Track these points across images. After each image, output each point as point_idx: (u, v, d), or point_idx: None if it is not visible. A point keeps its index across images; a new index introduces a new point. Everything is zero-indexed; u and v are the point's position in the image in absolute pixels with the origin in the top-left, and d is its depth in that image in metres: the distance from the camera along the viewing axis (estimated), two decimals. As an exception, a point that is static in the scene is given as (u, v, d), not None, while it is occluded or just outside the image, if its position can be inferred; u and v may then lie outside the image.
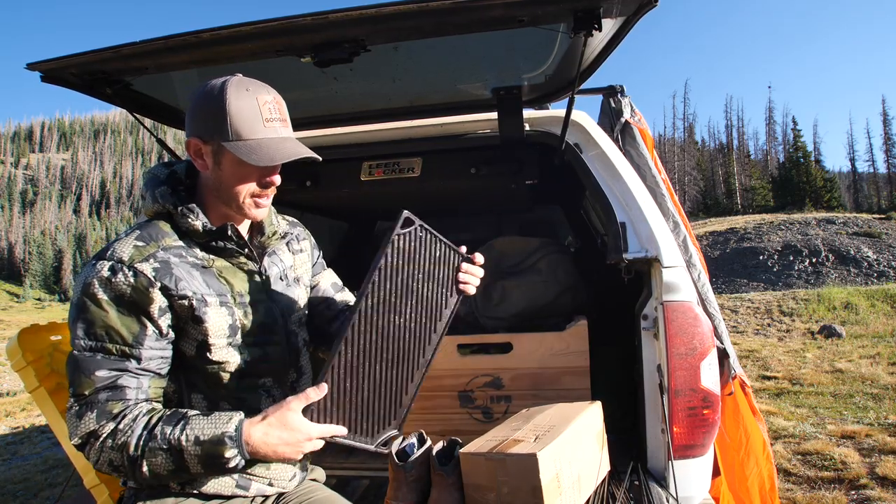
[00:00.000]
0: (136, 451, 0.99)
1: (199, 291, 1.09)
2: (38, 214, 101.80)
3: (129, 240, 1.07)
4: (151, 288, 1.04)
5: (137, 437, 1.00)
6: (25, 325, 2.09)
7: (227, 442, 1.00)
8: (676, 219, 2.00)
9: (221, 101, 1.05)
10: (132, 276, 1.03)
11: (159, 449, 0.99)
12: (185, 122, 1.12)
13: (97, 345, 1.02)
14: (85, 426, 1.01)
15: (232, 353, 1.14)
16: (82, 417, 1.01)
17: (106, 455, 1.00)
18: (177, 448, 0.99)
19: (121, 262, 1.03)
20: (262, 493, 1.21)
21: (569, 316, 2.22)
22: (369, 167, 2.37)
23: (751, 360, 7.30)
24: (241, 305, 1.15)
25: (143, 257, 1.05)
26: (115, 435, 1.00)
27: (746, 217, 28.16)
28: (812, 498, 3.07)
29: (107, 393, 1.02)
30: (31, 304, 70.00)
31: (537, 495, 1.33)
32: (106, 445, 1.00)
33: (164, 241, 1.09)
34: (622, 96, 2.40)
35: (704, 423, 1.68)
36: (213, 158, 1.10)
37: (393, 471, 1.48)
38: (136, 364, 1.04)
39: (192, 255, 1.12)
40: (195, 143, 1.09)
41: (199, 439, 1.00)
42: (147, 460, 0.99)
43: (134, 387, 1.04)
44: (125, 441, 1.00)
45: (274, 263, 1.27)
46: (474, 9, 1.28)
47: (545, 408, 1.75)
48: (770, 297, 11.83)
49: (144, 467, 1.00)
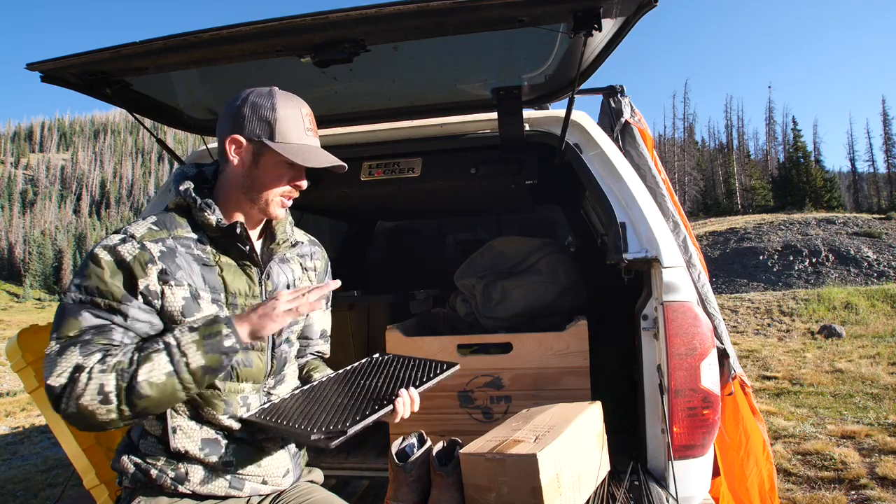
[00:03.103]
0: (130, 366, 1.00)
1: (195, 285, 1.12)
2: (38, 214, 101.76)
3: (145, 223, 1.14)
4: (151, 265, 1.08)
5: (129, 355, 1.02)
6: (25, 326, 2.09)
7: (218, 320, 1.07)
8: (676, 219, 2.00)
9: (271, 106, 1.15)
10: (138, 247, 1.08)
11: (153, 351, 1.02)
12: (224, 121, 1.18)
13: (87, 298, 1.05)
14: (68, 361, 0.99)
15: None
16: (64, 353, 1.00)
17: (95, 381, 0.97)
18: (172, 343, 1.03)
19: (132, 236, 1.10)
20: (257, 493, 1.21)
21: (569, 316, 2.22)
22: (369, 167, 2.37)
23: (751, 360, 7.30)
24: (231, 306, 1.16)
25: (154, 239, 1.11)
26: (104, 360, 1.00)
27: (746, 217, 28.17)
28: (812, 498, 3.07)
29: (92, 333, 1.03)
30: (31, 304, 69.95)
31: (537, 495, 1.33)
32: (94, 371, 0.98)
33: (177, 231, 1.15)
34: (622, 96, 2.40)
35: (704, 423, 1.68)
36: (251, 156, 1.16)
37: (393, 471, 1.48)
38: (122, 320, 1.05)
39: (199, 248, 1.16)
40: (237, 139, 1.15)
41: (192, 327, 1.06)
42: (142, 367, 0.99)
43: (119, 334, 1.05)
44: (118, 360, 1.00)
45: (283, 272, 1.28)
46: (474, 9, 1.28)
47: (545, 408, 1.75)
48: (770, 297, 11.83)
49: (141, 377, 0.99)
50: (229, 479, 1.16)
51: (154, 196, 2.30)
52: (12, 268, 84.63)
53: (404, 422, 1.22)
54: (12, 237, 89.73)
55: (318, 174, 2.43)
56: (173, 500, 1.11)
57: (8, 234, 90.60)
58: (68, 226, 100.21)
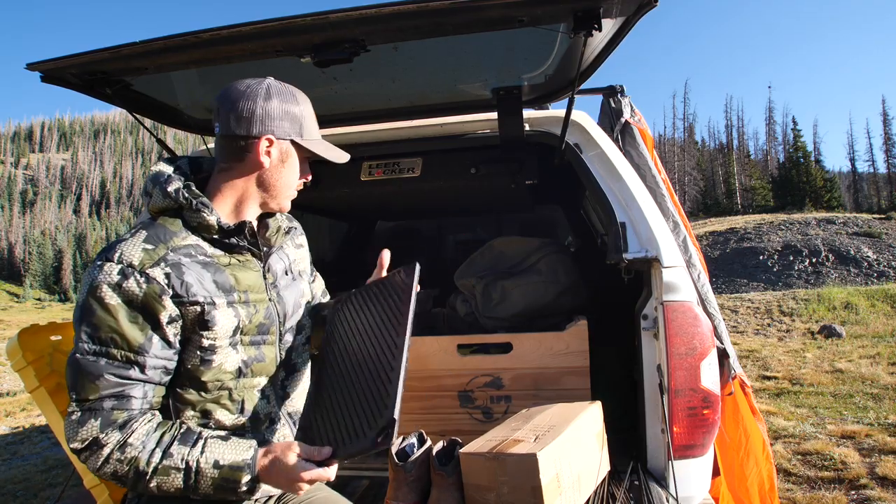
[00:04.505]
0: (146, 467, 0.99)
1: (209, 294, 1.08)
2: (38, 214, 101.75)
3: (136, 241, 1.05)
4: (163, 296, 1.03)
5: (150, 453, 1.00)
6: (25, 325, 2.09)
7: (245, 469, 1.03)
8: (676, 219, 2.00)
9: (296, 102, 1.15)
10: (144, 282, 1.01)
11: (174, 468, 1.00)
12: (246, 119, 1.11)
13: (102, 349, 1.00)
14: (87, 432, 0.99)
15: (231, 353, 1.13)
16: (84, 424, 0.99)
17: (111, 466, 0.99)
18: (194, 469, 1.01)
19: (131, 266, 1.01)
20: (266, 494, 1.21)
21: (569, 316, 2.22)
22: (369, 167, 2.37)
23: (751, 360, 7.30)
24: (244, 304, 1.14)
25: (154, 261, 1.03)
26: (123, 448, 0.99)
27: (746, 217, 28.16)
28: (812, 498, 3.07)
29: (112, 401, 1.00)
30: (31, 304, 69.98)
31: (537, 495, 1.33)
32: (112, 457, 0.99)
33: (173, 242, 1.08)
34: (622, 96, 2.40)
35: (704, 423, 1.68)
36: (280, 154, 1.15)
37: (393, 471, 1.48)
38: (140, 372, 1.02)
39: (201, 252, 1.11)
40: (272, 139, 1.13)
41: (217, 463, 1.02)
42: (158, 477, 1.00)
43: (139, 396, 1.03)
44: (135, 456, 0.99)
45: (280, 259, 1.27)
46: (474, 9, 1.28)
47: (545, 408, 1.75)
48: (770, 297, 11.83)
49: (153, 483, 1.00)
50: None
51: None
52: (12, 268, 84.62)
53: (404, 422, 1.22)
54: (12, 237, 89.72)
55: (316, 173, 2.43)
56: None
57: (8, 234, 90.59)
58: (68, 226, 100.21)
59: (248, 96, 1.11)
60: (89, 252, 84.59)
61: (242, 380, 1.16)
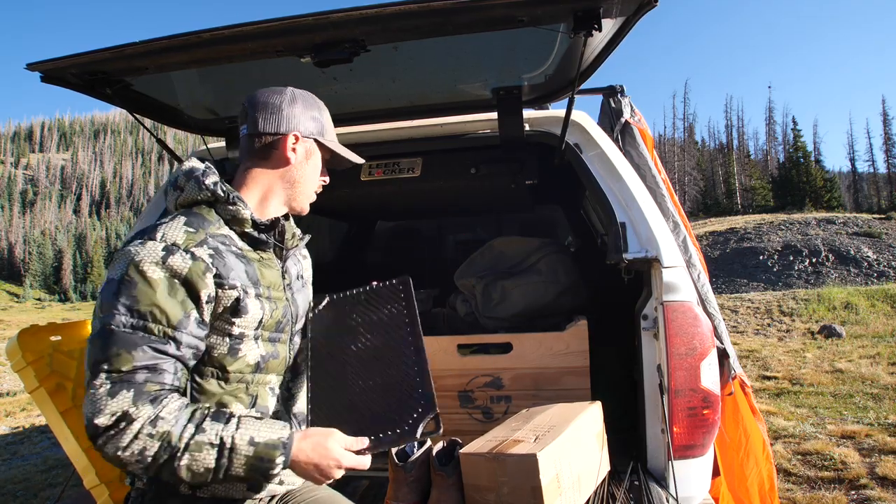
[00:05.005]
0: (178, 443, 0.96)
1: (242, 282, 1.10)
2: (38, 214, 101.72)
3: (177, 224, 1.07)
4: (207, 273, 1.04)
5: (182, 428, 0.97)
6: (25, 326, 2.09)
7: (280, 448, 1.01)
8: (676, 219, 2.00)
9: (318, 106, 1.25)
10: (189, 258, 1.03)
11: (207, 444, 0.97)
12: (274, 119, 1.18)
13: (140, 322, 0.98)
14: (118, 404, 0.94)
15: (254, 346, 1.15)
16: (116, 395, 0.95)
17: (139, 443, 0.95)
18: (228, 446, 0.98)
19: (175, 244, 1.03)
20: (271, 493, 1.21)
21: (569, 316, 2.22)
22: (369, 167, 2.37)
23: (751, 360, 7.30)
24: (267, 300, 1.17)
25: (197, 242, 1.05)
26: (155, 422, 0.95)
27: (746, 217, 28.17)
28: (812, 498, 3.07)
29: (145, 374, 0.97)
30: (31, 304, 69.95)
31: (537, 496, 1.33)
32: (143, 432, 0.95)
33: (210, 229, 1.10)
34: (622, 96, 2.40)
35: (704, 423, 1.68)
36: (305, 152, 1.22)
37: (393, 471, 1.48)
38: (175, 348, 1.01)
39: (233, 243, 1.14)
40: (297, 136, 1.19)
41: (253, 440, 1.00)
42: (189, 454, 0.96)
43: (171, 372, 1.01)
44: (168, 430, 0.96)
45: (294, 264, 1.32)
46: (475, 9, 1.28)
47: (545, 408, 1.75)
48: (770, 297, 11.83)
49: (183, 460, 0.96)
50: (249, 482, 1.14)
51: (154, 196, 2.30)
52: (12, 268, 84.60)
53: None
54: (12, 237, 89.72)
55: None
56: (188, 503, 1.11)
57: (8, 234, 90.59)
58: (68, 226, 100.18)
59: (275, 99, 1.19)
60: (89, 252, 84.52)
61: (258, 375, 1.17)
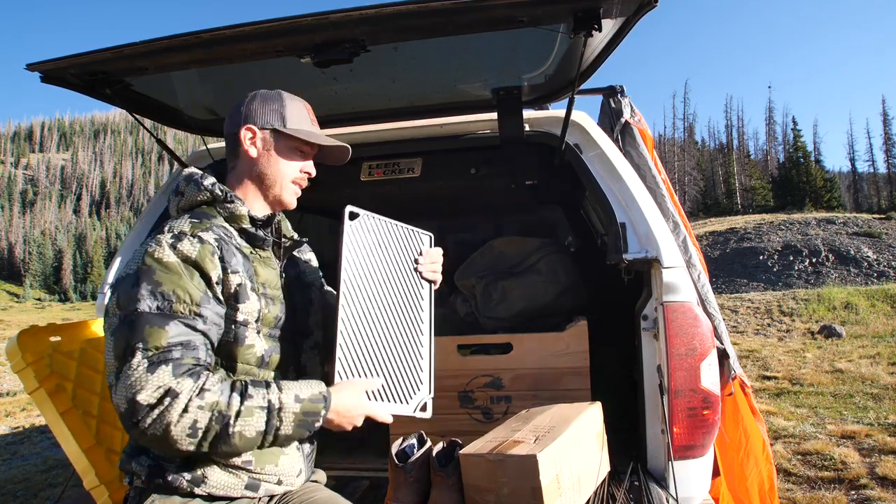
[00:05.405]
0: (228, 410, 0.99)
1: (242, 272, 1.15)
2: (38, 214, 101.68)
3: (183, 220, 1.15)
4: (214, 255, 1.10)
5: (228, 397, 1.01)
6: (25, 326, 2.09)
7: (322, 401, 1.10)
8: (676, 219, 2.00)
9: (280, 99, 1.25)
10: (197, 242, 1.09)
11: (257, 407, 1.02)
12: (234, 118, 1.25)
13: (166, 304, 1.02)
14: (159, 379, 0.95)
15: (258, 339, 1.18)
16: (155, 371, 0.96)
17: (190, 416, 0.96)
18: (276, 406, 1.04)
19: (182, 232, 1.10)
20: (269, 493, 1.21)
21: (569, 316, 2.22)
22: (369, 167, 2.36)
23: (751, 360, 7.30)
24: (263, 296, 1.20)
25: (203, 228, 1.13)
26: (202, 394, 0.98)
27: (746, 217, 28.17)
28: (812, 498, 3.07)
29: (181, 350, 1.01)
30: (31, 304, 69.95)
31: (537, 496, 1.33)
32: (192, 405, 0.96)
33: (213, 222, 1.17)
34: (622, 96, 2.40)
35: (704, 423, 1.68)
36: (266, 145, 1.24)
37: (393, 471, 1.47)
38: (203, 324, 1.06)
39: (234, 238, 1.19)
40: (252, 128, 1.22)
41: (298, 397, 1.07)
42: (242, 420, 1.00)
43: (203, 348, 1.05)
44: (216, 400, 0.99)
45: (293, 265, 1.36)
46: (474, 9, 1.29)
47: (545, 408, 1.75)
48: (770, 297, 11.83)
49: (237, 427, 1.00)
50: (246, 479, 1.16)
51: (154, 196, 2.30)
52: (12, 268, 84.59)
53: (404, 422, 1.24)
54: (12, 237, 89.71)
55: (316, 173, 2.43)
56: (186, 500, 1.12)
57: (8, 234, 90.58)
58: (68, 226, 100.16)
59: (239, 102, 1.26)
60: (89, 252, 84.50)
61: (264, 370, 1.20)
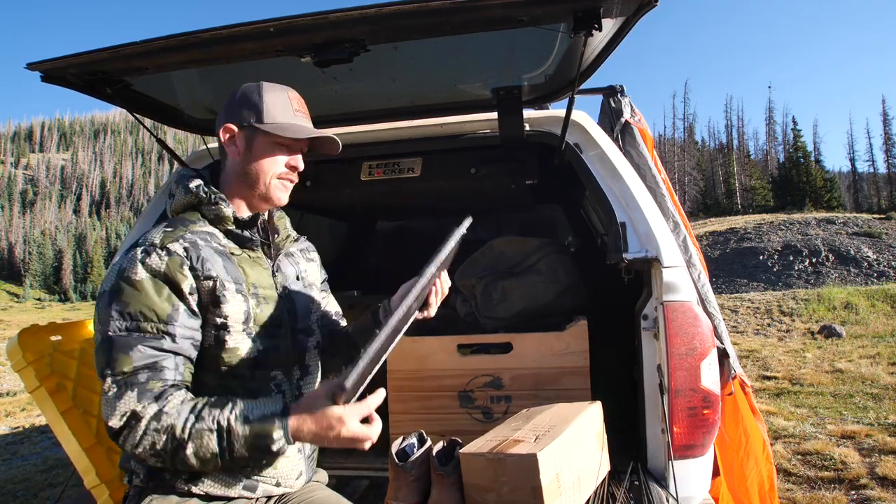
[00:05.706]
0: (182, 433, 1.00)
1: (220, 275, 1.14)
2: (38, 214, 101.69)
3: (158, 229, 1.15)
4: (183, 266, 1.09)
5: (184, 420, 1.01)
6: (25, 326, 2.09)
7: (274, 421, 1.02)
8: (676, 219, 2.00)
9: (257, 93, 1.21)
10: (165, 255, 1.09)
11: (207, 430, 1.01)
12: (220, 116, 1.24)
13: (133, 324, 1.04)
14: (125, 405, 1.00)
15: (246, 340, 1.17)
16: (122, 397, 1.00)
17: (149, 438, 1.00)
18: (225, 428, 1.01)
19: (153, 245, 1.10)
20: (267, 494, 1.22)
21: (569, 316, 2.22)
22: (369, 167, 2.36)
23: (751, 360, 7.30)
24: (253, 296, 1.19)
25: (173, 239, 1.12)
26: (159, 417, 1.00)
27: (746, 217, 28.17)
28: (812, 498, 3.07)
29: (146, 373, 1.03)
30: (31, 304, 69.97)
31: (537, 495, 1.33)
32: (150, 428, 1.00)
33: (191, 227, 1.17)
34: (622, 96, 2.40)
35: (704, 423, 1.68)
36: (244, 142, 1.21)
37: (393, 471, 1.47)
38: (171, 342, 1.06)
39: (216, 240, 1.19)
40: (230, 128, 1.21)
41: (247, 418, 1.02)
42: (193, 442, 1.00)
43: (171, 367, 1.05)
44: (172, 423, 1.00)
45: (291, 264, 1.34)
46: (474, 9, 1.28)
47: (545, 408, 1.75)
48: (770, 297, 11.83)
49: (189, 449, 1.00)
50: (244, 481, 1.17)
51: (154, 196, 2.30)
52: (12, 268, 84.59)
53: (404, 422, 1.23)
54: (12, 237, 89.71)
55: (316, 173, 2.43)
56: (183, 499, 1.12)
57: (8, 234, 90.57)
58: (68, 226, 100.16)
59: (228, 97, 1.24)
60: (89, 252, 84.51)
61: (260, 370, 1.20)
